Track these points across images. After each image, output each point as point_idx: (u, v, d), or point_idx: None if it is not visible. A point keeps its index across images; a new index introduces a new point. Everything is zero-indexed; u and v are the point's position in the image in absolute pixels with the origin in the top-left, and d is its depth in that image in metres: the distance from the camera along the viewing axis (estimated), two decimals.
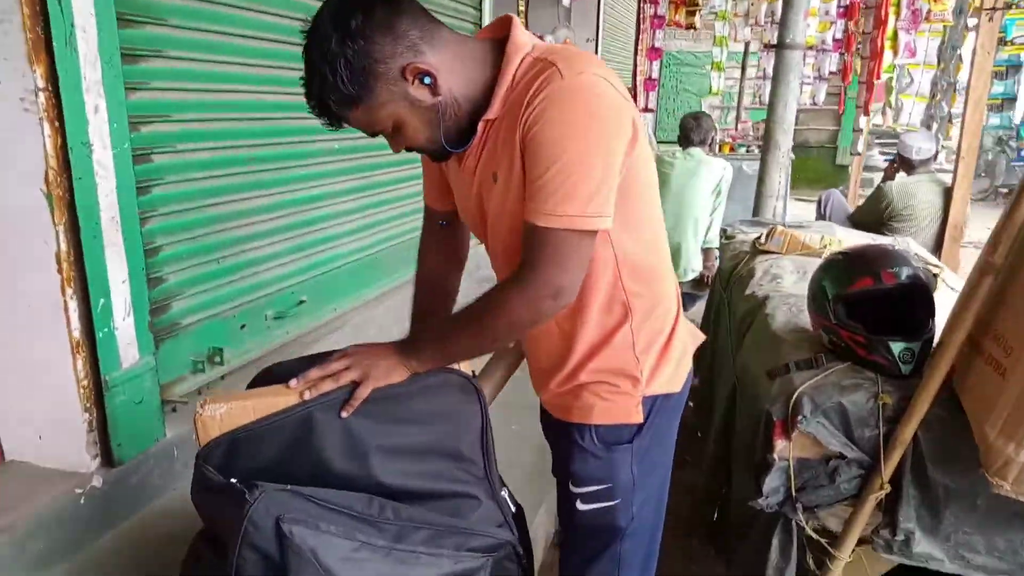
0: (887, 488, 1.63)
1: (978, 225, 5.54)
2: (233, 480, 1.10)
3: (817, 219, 4.56)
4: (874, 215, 4.08)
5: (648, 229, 1.21)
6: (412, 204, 3.40)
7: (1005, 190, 8.41)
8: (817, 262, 2.57)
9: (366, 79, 1.04)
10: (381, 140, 1.19)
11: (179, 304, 2.01)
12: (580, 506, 1.30)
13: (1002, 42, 3.47)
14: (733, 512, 2.15)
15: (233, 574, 1.05)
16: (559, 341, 1.25)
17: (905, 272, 1.67)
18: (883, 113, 4.57)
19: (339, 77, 1.03)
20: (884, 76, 4.27)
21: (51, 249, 1.62)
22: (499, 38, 1.15)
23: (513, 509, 1.31)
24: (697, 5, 5.85)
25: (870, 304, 1.72)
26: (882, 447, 1.61)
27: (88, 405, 1.73)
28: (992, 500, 1.58)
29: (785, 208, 4.49)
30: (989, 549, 1.64)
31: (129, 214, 1.75)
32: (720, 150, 5.80)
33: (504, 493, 1.30)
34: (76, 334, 1.68)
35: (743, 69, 7.06)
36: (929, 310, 1.72)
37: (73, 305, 1.66)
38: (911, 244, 3.22)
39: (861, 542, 1.74)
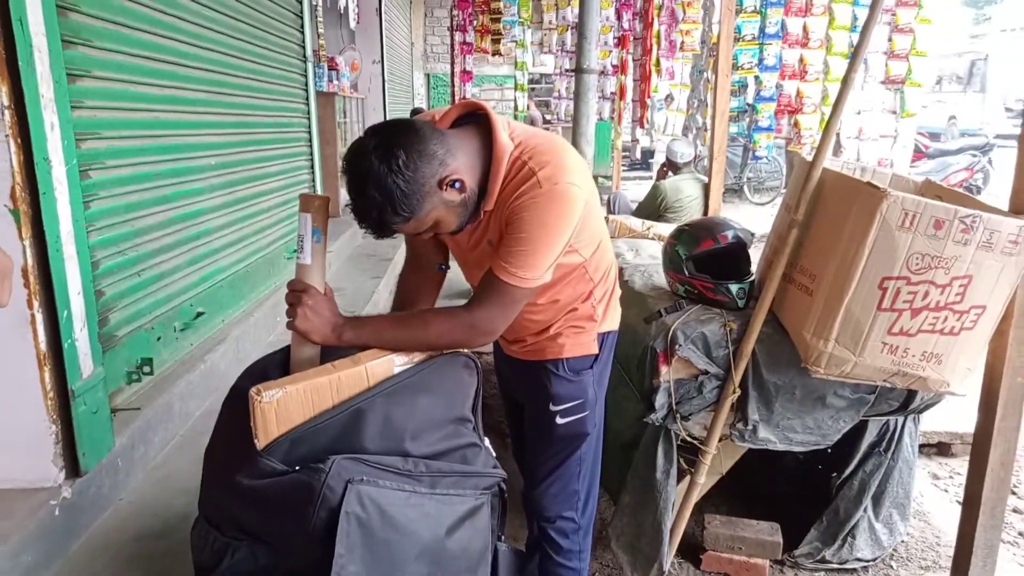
0: (738, 391, 2.22)
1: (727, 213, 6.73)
2: (297, 468, 1.29)
3: (607, 215, 5.35)
4: (652, 208, 4.92)
5: (598, 233, 1.60)
6: (265, 219, 3.52)
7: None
8: (644, 242, 3.23)
9: (419, 200, 1.29)
10: (243, 157, 1.42)
11: (115, 316, 2.06)
12: (559, 420, 1.69)
13: (734, 67, 4.45)
14: (608, 448, 2.65)
15: (311, 530, 1.26)
16: (541, 319, 1.63)
17: (732, 233, 2.29)
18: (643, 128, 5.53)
19: (397, 204, 1.27)
20: (653, 95, 5.19)
21: (18, 263, 1.65)
22: (476, 120, 1.44)
23: (494, 452, 1.61)
24: (500, 35, 6.52)
25: (709, 260, 2.32)
26: (732, 361, 2.20)
27: (55, 417, 1.76)
28: (803, 391, 2.24)
29: None
30: (804, 428, 2.30)
31: (79, 228, 1.81)
32: None
33: (486, 441, 1.60)
34: (43, 346, 1.72)
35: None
36: (748, 259, 2.35)
37: (40, 318, 1.70)
38: None
39: (720, 439, 2.32)
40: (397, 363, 1.42)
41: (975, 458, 2.25)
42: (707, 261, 2.33)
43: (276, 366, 1.48)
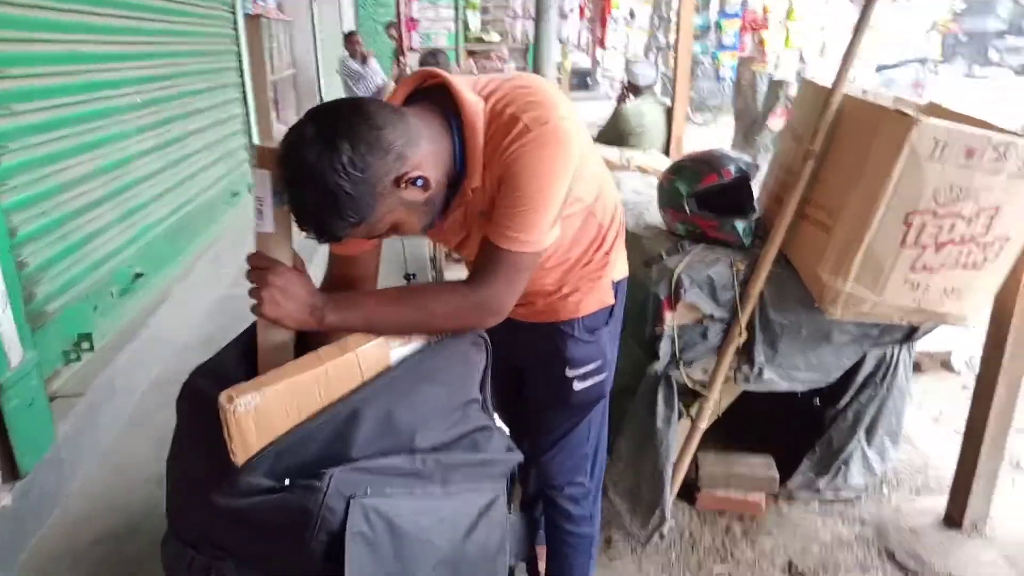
0: (744, 335, 2.09)
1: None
2: (287, 481, 1.07)
3: None
4: (615, 133, 4.70)
5: (597, 171, 1.39)
6: (199, 161, 3.15)
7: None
8: (623, 174, 3.03)
9: (370, 202, 1.05)
10: (171, 92, 1.15)
11: (42, 290, 1.76)
12: (577, 386, 1.51)
13: None
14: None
15: (309, 555, 1.06)
16: (553, 279, 1.43)
17: (735, 166, 2.11)
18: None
19: (343, 209, 1.03)
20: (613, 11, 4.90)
21: None
22: (434, 94, 1.19)
23: (507, 431, 1.42)
24: None
25: (710, 196, 2.14)
26: (739, 303, 2.06)
27: None
28: (808, 329, 2.13)
29: None
30: (807, 366, 2.20)
31: None
32: None
33: (496, 419, 1.41)
34: None
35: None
36: (751, 193, 2.19)
37: None
38: (655, 154, 3.84)
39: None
40: (393, 347, 1.19)
41: (980, 390, 2.21)
42: (707, 197, 2.15)
43: (237, 359, 1.22)
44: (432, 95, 1.19)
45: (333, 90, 8.20)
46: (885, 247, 1.83)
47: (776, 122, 8.45)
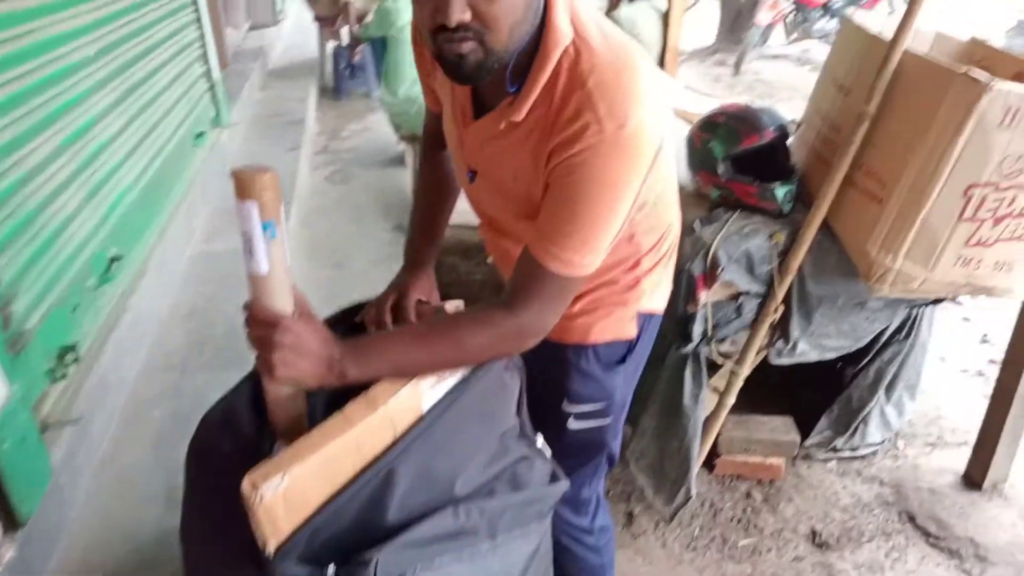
0: (781, 308, 1.98)
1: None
2: (331, 569, 0.95)
3: None
4: None
5: (661, 178, 1.19)
6: (162, 104, 2.82)
7: None
8: None
9: None
10: (126, 32, 1.02)
11: (19, 306, 1.54)
12: (572, 424, 1.34)
13: None
14: None
15: None
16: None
17: (776, 125, 1.93)
18: None
19: None
20: None
21: None
22: None
23: (549, 452, 1.24)
24: None
25: (748, 158, 1.96)
26: (776, 275, 1.94)
27: None
28: (845, 298, 2.03)
29: None
30: (838, 333, 2.12)
31: None
32: None
33: (538, 439, 1.24)
34: None
35: None
36: (788, 153, 2.02)
37: None
38: (668, 82, 3.59)
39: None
40: (424, 391, 1.04)
41: (1013, 353, 2.17)
42: (741, 156, 1.97)
43: (244, 407, 1.08)
44: None
45: None
46: (942, 221, 1.71)
47: (764, 15, 8.01)
